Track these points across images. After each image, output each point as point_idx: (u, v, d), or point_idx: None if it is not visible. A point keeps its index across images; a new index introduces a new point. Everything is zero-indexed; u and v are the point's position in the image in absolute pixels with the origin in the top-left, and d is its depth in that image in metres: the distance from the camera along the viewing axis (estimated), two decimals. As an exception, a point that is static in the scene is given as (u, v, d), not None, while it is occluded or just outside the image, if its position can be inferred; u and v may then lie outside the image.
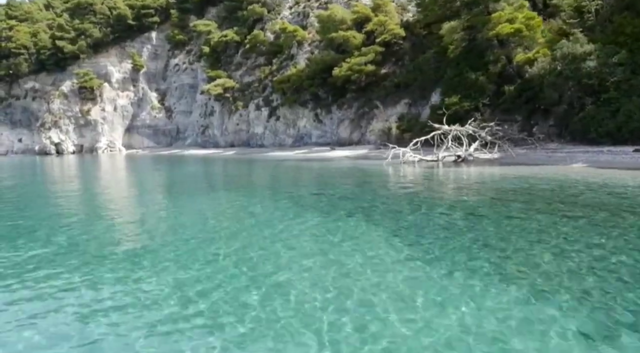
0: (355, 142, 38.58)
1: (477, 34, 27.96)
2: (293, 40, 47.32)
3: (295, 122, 44.83)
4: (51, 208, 11.39)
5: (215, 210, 10.30)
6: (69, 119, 72.64)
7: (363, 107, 39.27)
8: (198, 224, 8.78)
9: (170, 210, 10.75)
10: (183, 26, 74.19)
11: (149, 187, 16.59)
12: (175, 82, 72.49)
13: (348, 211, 9.69)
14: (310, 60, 43.92)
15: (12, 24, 75.85)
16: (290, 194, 12.82)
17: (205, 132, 61.34)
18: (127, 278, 5.59)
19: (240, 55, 59.61)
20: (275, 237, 7.38)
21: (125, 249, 6.89)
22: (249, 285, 5.14)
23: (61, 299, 4.94)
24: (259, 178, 18.96)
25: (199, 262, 6.06)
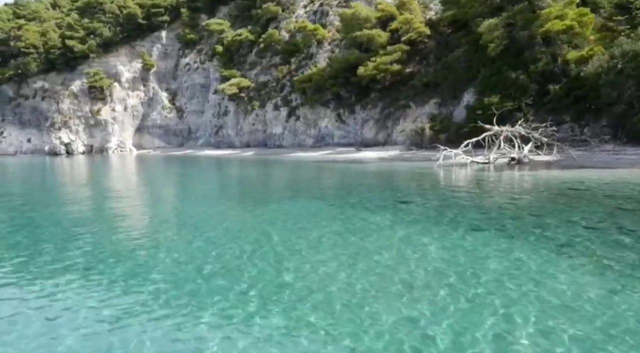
0: (382, 143, 37.22)
1: (519, 32, 26.62)
2: (312, 39, 45.90)
3: (316, 122, 43.43)
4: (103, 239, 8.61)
5: (341, 227, 8.69)
6: (78, 119, 70.98)
7: (389, 107, 37.90)
8: (334, 251, 7.25)
9: (267, 237, 8.13)
10: (193, 25, 72.65)
11: (200, 195, 15.02)
12: (186, 81, 70.88)
13: (474, 224, 8.37)
14: (331, 60, 42.52)
15: (20, 23, 74.02)
16: (381, 203, 11.44)
17: (219, 132, 59.83)
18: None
19: (255, 55, 58.11)
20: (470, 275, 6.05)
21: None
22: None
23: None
24: (316, 183, 17.45)
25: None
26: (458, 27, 38.81)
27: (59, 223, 9.71)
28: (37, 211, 11.90)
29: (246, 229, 8.68)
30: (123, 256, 6.90)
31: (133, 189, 17.63)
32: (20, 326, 4.62)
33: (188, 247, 7.45)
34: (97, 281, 5.86)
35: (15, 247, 7.79)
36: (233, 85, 54.91)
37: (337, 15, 46.95)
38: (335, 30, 45.73)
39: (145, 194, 15.61)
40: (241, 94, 55.00)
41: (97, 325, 4.53)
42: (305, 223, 8.94)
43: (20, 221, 10.24)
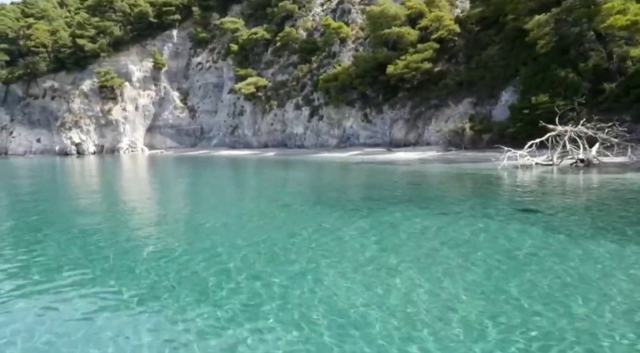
0: (413, 143, 35.81)
1: (570, 28, 25.25)
2: (335, 38, 44.36)
3: (340, 122, 41.96)
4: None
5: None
6: (89, 119, 69.13)
7: (419, 106, 36.48)
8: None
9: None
10: (205, 24, 70.96)
11: (281, 202, 13.15)
12: (199, 81, 69.18)
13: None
14: (356, 58, 41.06)
15: (30, 22, 72.07)
16: (506, 213, 10.00)
17: (234, 132, 58.22)
18: None
19: (271, 54, 56.55)
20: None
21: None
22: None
23: None
24: (390, 188, 15.93)
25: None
26: (487, 24, 37.53)
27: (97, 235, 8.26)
28: (58, 223, 10.41)
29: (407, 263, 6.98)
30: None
31: (168, 198, 15.93)
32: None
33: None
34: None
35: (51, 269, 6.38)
36: (250, 84, 53.34)
37: (360, 12, 45.57)
38: (358, 28, 44.24)
39: (186, 203, 13.95)
40: (258, 93, 53.43)
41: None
42: (464, 243, 7.47)
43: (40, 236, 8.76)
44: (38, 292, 5.71)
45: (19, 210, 13.21)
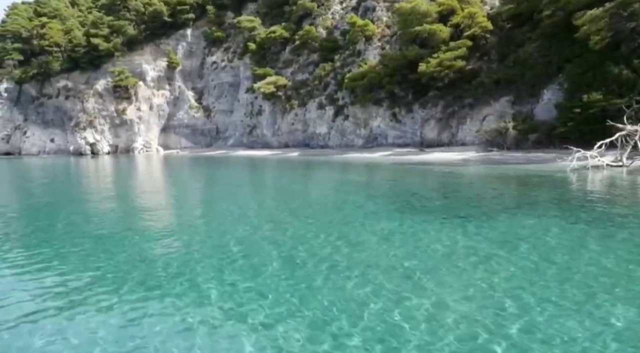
0: (446, 144, 34.47)
1: (625, 23, 23.89)
2: (360, 36, 43.00)
3: (367, 121, 40.63)
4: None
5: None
6: (104, 119, 67.94)
7: (452, 105, 35.15)
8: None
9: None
10: (220, 23, 69.72)
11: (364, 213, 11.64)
12: (214, 80, 67.89)
13: None
14: (384, 56, 39.71)
15: (44, 21, 70.85)
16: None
17: (252, 132, 56.92)
18: None
19: (289, 52, 55.24)
20: None
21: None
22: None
23: None
24: (456, 191, 14.66)
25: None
26: (520, 21, 36.22)
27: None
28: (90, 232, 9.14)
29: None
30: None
31: (202, 203, 14.67)
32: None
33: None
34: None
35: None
36: (270, 83, 52.03)
37: (385, 10, 44.23)
38: (384, 26, 42.89)
39: (223, 208, 12.62)
40: (278, 93, 52.14)
41: None
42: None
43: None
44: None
45: (46, 213, 11.98)
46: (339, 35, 51.28)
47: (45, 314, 5.01)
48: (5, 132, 73.45)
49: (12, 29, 70.54)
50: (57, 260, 7.25)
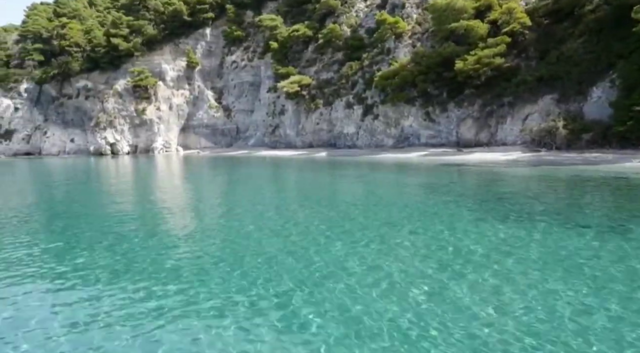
0: (485, 143, 33.13)
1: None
2: (390, 33, 41.71)
3: (398, 121, 39.37)
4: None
5: None
6: (123, 119, 67.29)
7: (490, 104, 33.79)
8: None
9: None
10: (239, 22, 68.77)
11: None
12: (233, 79, 66.98)
13: None
14: (416, 54, 38.41)
15: (64, 22, 70.40)
16: None
17: (275, 131, 55.89)
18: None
19: (313, 51, 54.12)
20: None
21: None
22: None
23: None
24: (534, 198, 13.46)
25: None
26: (560, 17, 34.74)
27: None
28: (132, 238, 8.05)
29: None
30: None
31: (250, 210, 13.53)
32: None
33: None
34: None
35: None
36: (294, 83, 50.96)
37: (415, 7, 42.92)
38: (415, 23, 41.57)
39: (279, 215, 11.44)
40: (302, 92, 51.04)
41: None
42: None
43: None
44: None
45: (76, 216, 10.98)
46: (364, 33, 50.12)
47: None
48: (25, 132, 73.20)
49: (32, 30, 70.18)
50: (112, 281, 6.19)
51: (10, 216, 12.02)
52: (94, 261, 7.32)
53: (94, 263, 7.21)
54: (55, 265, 7.18)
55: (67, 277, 6.55)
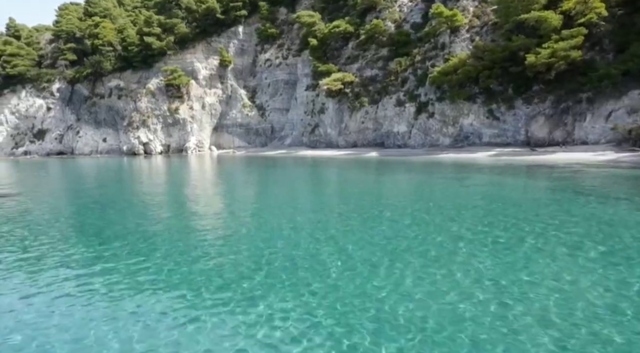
0: (560, 142, 30.56)
1: None
2: (446, 27, 39.25)
3: (456, 119, 36.95)
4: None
5: None
6: (156, 118, 65.88)
7: (565, 100, 31.20)
8: None
9: None
10: (273, 19, 66.83)
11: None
12: (267, 78, 65.05)
13: None
14: (477, 48, 35.92)
15: (97, 21, 69.24)
16: None
17: (314, 131, 53.77)
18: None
19: (355, 48, 51.85)
20: None
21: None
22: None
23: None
24: None
25: None
26: (637, 7, 31.97)
27: None
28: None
29: None
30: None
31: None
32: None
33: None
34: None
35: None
36: (337, 80, 48.77)
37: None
38: (472, 16, 39.06)
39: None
40: (345, 89, 48.83)
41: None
42: None
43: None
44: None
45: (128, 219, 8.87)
46: (410, 28, 47.76)
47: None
48: (58, 132, 72.33)
49: (66, 29, 69.13)
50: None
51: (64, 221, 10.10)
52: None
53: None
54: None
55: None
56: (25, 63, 71.34)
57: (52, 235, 9.89)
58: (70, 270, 7.25)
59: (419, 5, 48.80)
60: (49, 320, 5.31)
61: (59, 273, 7.02)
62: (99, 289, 6.26)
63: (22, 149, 71.96)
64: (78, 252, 8.36)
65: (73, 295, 6.10)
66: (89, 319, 5.31)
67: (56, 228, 10.76)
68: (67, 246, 8.83)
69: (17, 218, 12.29)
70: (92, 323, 5.19)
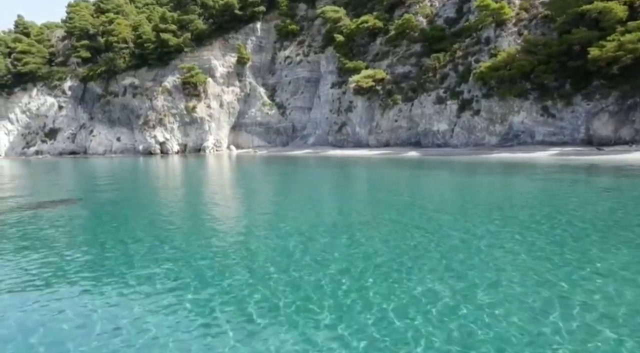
0: (627, 141, 28.27)
1: None
2: (491, 21, 36.87)
3: (505, 117, 34.58)
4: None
5: None
6: (173, 117, 63.18)
7: (632, 95, 28.88)
8: None
9: None
10: (292, 15, 64.25)
11: None
12: (288, 75, 62.46)
13: None
14: (528, 42, 33.54)
15: (112, 17, 66.40)
16: None
17: (342, 129, 51.28)
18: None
19: (383, 44, 49.38)
20: None
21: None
22: None
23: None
24: None
25: None
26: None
27: None
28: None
29: None
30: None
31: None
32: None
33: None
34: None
35: None
36: (368, 77, 46.33)
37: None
38: (518, 9, 36.68)
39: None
40: (376, 87, 46.38)
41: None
42: None
43: None
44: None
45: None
46: (443, 23, 45.41)
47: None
48: (70, 131, 69.47)
49: (80, 26, 66.19)
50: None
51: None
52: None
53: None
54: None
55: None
56: (37, 61, 68.46)
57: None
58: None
59: (452, 1, 46.47)
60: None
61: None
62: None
63: (34, 148, 69.09)
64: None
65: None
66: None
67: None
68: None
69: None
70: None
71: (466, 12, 43.88)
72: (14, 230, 10.50)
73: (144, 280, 6.62)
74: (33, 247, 8.80)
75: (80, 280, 6.73)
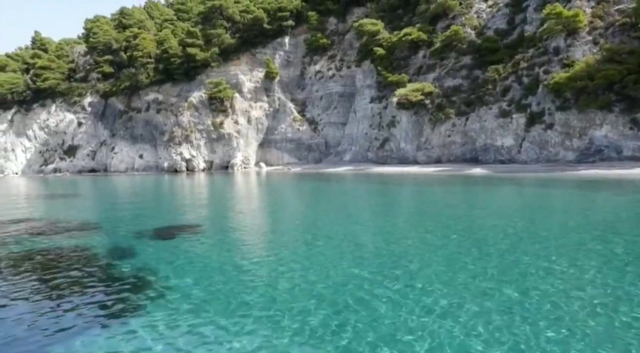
0: None
1: None
2: (562, 29, 34.00)
3: (584, 130, 31.38)
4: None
5: None
6: (199, 133, 59.69)
7: None
8: None
9: None
10: (322, 29, 61.63)
11: None
12: (319, 90, 59.43)
13: None
14: (611, 50, 30.57)
15: (136, 32, 63.43)
16: None
17: (384, 145, 47.93)
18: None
19: (429, 56, 46.51)
20: None
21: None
22: None
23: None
24: None
25: None
26: None
27: None
28: None
29: None
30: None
31: None
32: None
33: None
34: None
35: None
36: (416, 90, 43.24)
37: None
38: (591, 16, 33.88)
39: None
40: (425, 101, 43.26)
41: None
42: None
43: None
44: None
45: None
46: (494, 34, 42.69)
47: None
48: (90, 148, 65.70)
49: (103, 40, 63.10)
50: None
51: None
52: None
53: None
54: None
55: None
56: (56, 76, 65.10)
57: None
58: None
59: (502, 10, 43.89)
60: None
61: None
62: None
63: (52, 166, 65.11)
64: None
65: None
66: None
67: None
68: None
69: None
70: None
71: (519, 22, 41.23)
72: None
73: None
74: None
75: None
